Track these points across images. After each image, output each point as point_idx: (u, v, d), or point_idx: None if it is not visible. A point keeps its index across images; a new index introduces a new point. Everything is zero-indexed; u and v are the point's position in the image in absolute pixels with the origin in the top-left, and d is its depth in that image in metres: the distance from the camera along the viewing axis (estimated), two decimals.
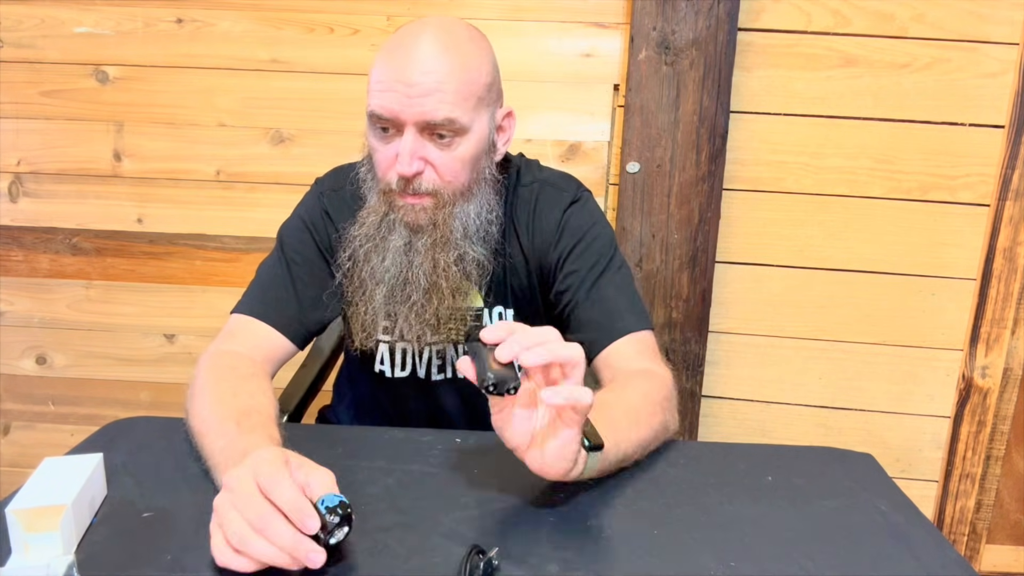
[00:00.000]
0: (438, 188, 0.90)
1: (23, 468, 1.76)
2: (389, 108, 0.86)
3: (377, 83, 0.88)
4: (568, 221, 1.00)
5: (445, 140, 0.89)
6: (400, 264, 0.92)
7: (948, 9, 1.42)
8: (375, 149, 0.91)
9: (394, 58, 0.87)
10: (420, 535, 0.68)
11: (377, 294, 0.94)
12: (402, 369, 1.04)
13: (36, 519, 0.62)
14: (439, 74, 0.86)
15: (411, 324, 0.95)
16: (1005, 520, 1.73)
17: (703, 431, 1.63)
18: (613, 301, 0.97)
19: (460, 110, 0.87)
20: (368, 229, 0.93)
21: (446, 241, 0.92)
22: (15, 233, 1.63)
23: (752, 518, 0.73)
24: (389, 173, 0.90)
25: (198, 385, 0.84)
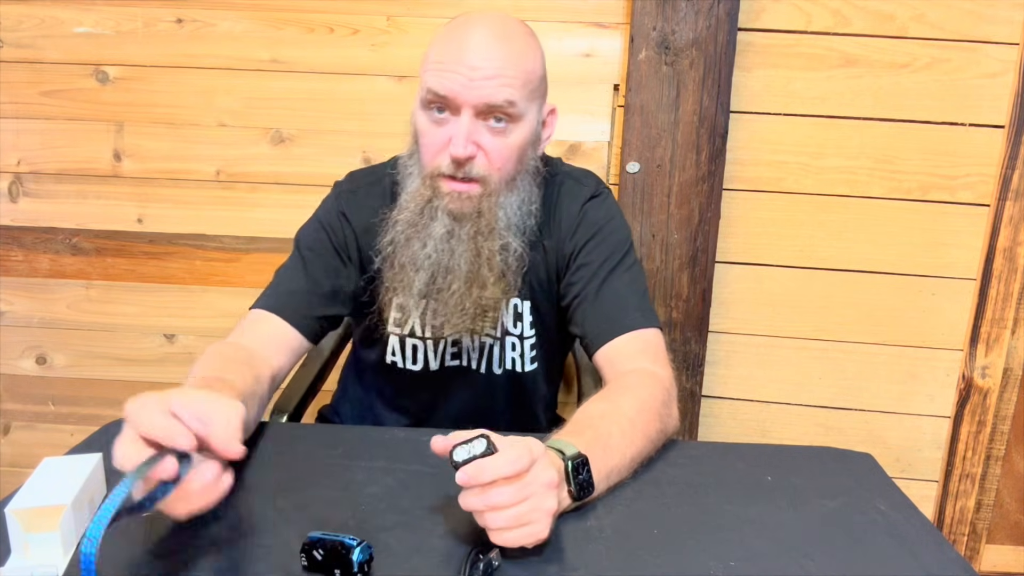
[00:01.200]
0: (487, 175, 0.91)
1: (23, 468, 1.76)
2: (450, 88, 0.87)
3: (437, 63, 0.88)
4: (586, 214, 1.01)
5: (500, 126, 0.90)
6: (441, 251, 0.92)
7: (948, 9, 1.42)
8: (424, 132, 0.91)
9: (456, 40, 0.88)
10: (420, 535, 0.68)
11: (416, 280, 0.94)
12: (413, 363, 1.04)
13: (35, 519, 0.62)
14: (502, 60, 0.87)
15: (444, 312, 0.95)
16: (1005, 520, 1.72)
17: (703, 431, 1.63)
18: (621, 297, 0.97)
19: (519, 95, 0.89)
20: (410, 215, 0.93)
21: (491, 230, 0.92)
22: (15, 233, 1.63)
23: (752, 518, 0.73)
24: (439, 156, 0.90)
25: (195, 367, 0.84)
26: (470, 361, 1.04)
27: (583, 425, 0.76)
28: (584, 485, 0.69)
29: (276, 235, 1.60)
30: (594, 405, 0.81)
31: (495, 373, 1.04)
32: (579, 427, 0.76)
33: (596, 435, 0.74)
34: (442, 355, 1.03)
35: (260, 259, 1.61)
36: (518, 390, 1.07)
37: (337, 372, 1.30)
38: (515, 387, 1.06)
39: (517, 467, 0.61)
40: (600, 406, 0.81)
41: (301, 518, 0.70)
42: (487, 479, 0.61)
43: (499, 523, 0.62)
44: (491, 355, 1.03)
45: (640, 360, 0.92)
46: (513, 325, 1.02)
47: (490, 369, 1.04)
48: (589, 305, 0.97)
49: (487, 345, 1.03)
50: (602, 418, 0.78)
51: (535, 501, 0.63)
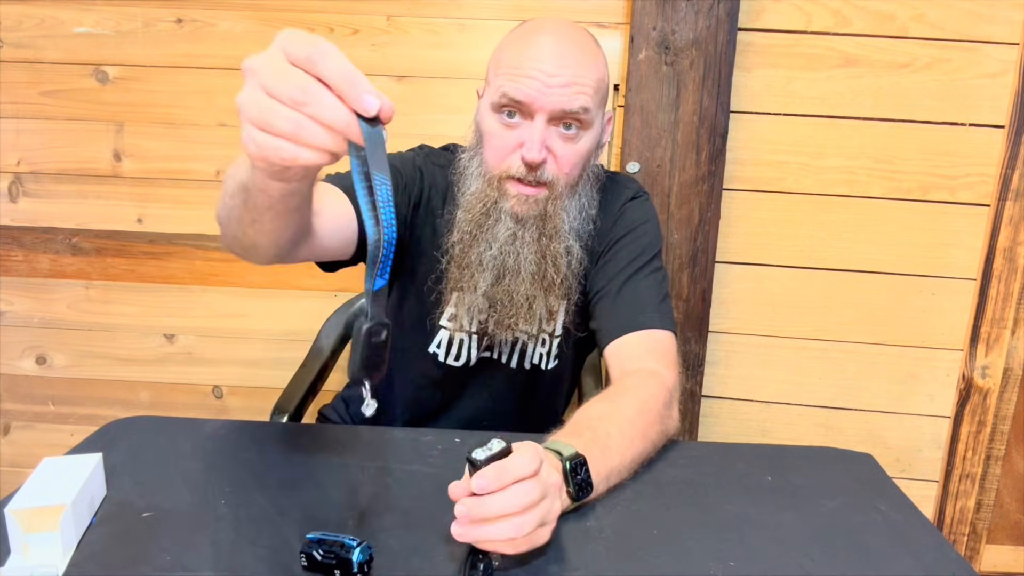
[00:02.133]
0: (555, 179, 0.92)
1: (23, 468, 1.76)
2: (526, 93, 0.88)
3: (513, 68, 0.89)
4: (624, 212, 1.03)
5: (571, 132, 0.91)
6: (507, 253, 0.93)
7: (948, 9, 1.42)
8: (494, 135, 0.92)
9: (531, 46, 0.89)
10: (420, 535, 0.68)
11: (482, 282, 0.94)
12: (456, 360, 1.04)
13: (35, 519, 0.62)
14: (578, 67, 0.89)
15: (511, 313, 0.95)
16: (1005, 520, 1.72)
17: (703, 431, 1.63)
18: (641, 297, 0.98)
19: (592, 103, 0.91)
20: (475, 215, 0.93)
21: (556, 232, 0.94)
22: (15, 233, 1.63)
23: (752, 518, 0.73)
24: (509, 159, 0.91)
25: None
26: (501, 355, 1.04)
27: (582, 426, 0.76)
28: (583, 485, 0.69)
29: None
30: (594, 406, 0.81)
31: (525, 369, 1.05)
32: (578, 428, 0.76)
33: (595, 436, 0.74)
34: (479, 349, 1.04)
35: None
36: (537, 387, 1.08)
37: (337, 373, 1.30)
38: (535, 384, 1.07)
39: (535, 465, 0.61)
40: (600, 407, 0.81)
41: (301, 518, 0.70)
42: (510, 479, 0.59)
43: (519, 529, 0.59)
44: (524, 352, 1.04)
45: (647, 359, 0.92)
46: (546, 322, 1.02)
47: (521, 364, 1.05)
48: (609, 300, 0.98)
49: (520, 341, 1.03)
50: (600, 419, 0.78)
51: (549, 502, 0.62)
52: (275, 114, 0.48)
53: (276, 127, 0.48)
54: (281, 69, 0.48)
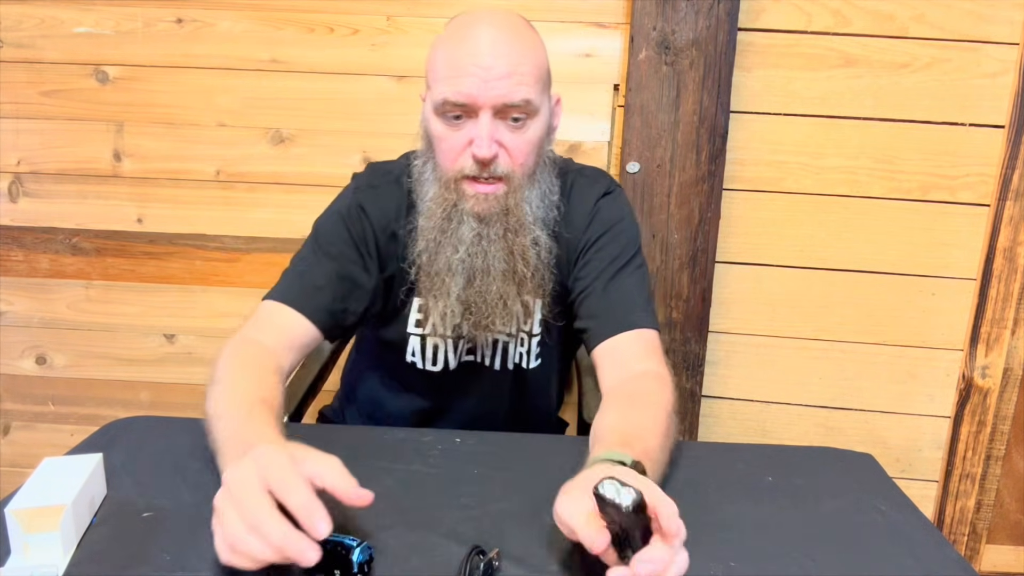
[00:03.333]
0: (510, 172, 0.91)
1: (23, 468, 1.76)
2: (467, 93, 0.87)
3: (450, 70, 0.88)
4: (599, 211, 1.01)
5: (518, 123, 0.90)
6: (474, 254, 0.92)
7: (948, 9, 1.42)
8: (442, 138, 0.91)
9: (463, 45, 0.88)
10: (420, 535, 0.68)
11: (454, 287, 0.94)
12: (433, 364, 1.04)
13: (36, 519, 0.62)
14: (514, 57, 0.87)
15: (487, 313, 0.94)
16: (1005, 520, 1.72)
17: (703, 431, 1.63)
18: (628, 295, 0.97)
19: (533, 92, 0.89)
20: (437, 221, 0.93)
21: (520, 225, 0.93)
22: (15, 233, 1.63)
23: (752, 518, 0.73)
24: (460, 159, 0.90)
25: (219, 371, 0.83)
26: (483, 357, 1.04)
27: (630, 436, 0.75)
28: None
29: (276, 235, 1.60)
30: (629, 415, 0.80)
31: (508, 369, 1.05)
32: (626, 439, 0.74)
33: (644, 449, 0.73)
34: (459, 352, 1.03)
35: (260, 259, 1.61)
36: (523, 387, 1.07)
37: (337, 373, 1.30)
38: (520, 384, 1.07)
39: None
40: (636, 417, 0.80)
41: None
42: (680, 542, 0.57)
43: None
44: (505, 352, 1.04)
45: (648, 361, 0.92)
46: (524, 322, 1.02)
47: (504, 365, 1.04)
48: (595, 300, 0.97)
49: (501, 342, 1.03)
50: (643, 429, 0.77)
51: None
52: (239, 539, 0.56)
53: (240, 546, 0.56)
54: (248, 497, 0.57)
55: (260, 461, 0.60)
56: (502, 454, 0.84)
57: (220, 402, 0.77)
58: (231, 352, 0.86)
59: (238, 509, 0.57)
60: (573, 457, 0.83)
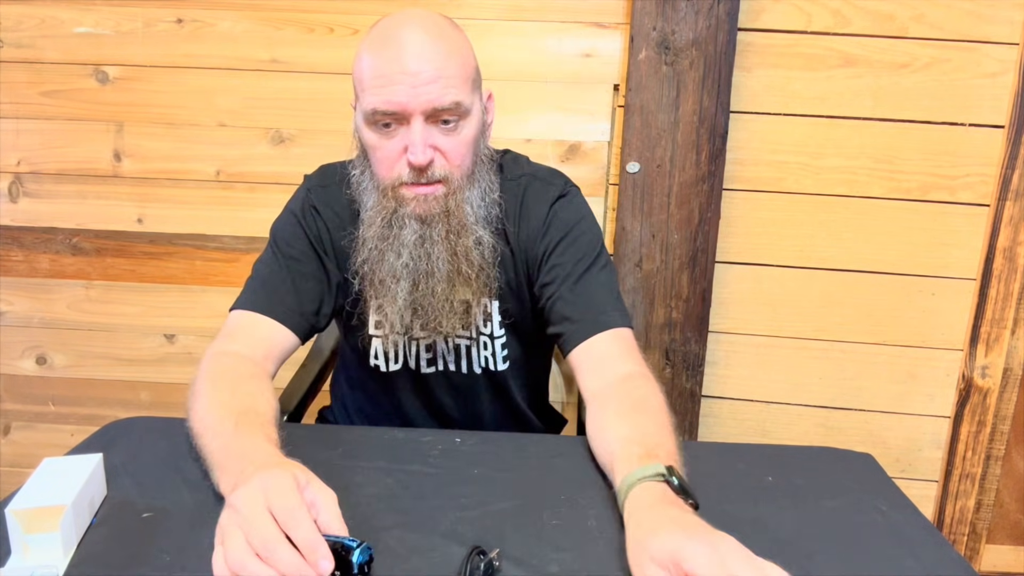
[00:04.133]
0: (448, 174, 0.90)
1: (23, 468, 1.76)
2: (396, 101, 0.86)
3: (376, 79, 0.87)
4: (556, 215, 1.00)
5: (450, 125, 0.89)
6: (418, 258, 0.92)
7: (948, 9, 1.42)
8: (376, 147, 0.90)
9: (387, 51, 0.87)
10: (420, 535, 0.68)
11: (400, 291, 0.93)
12: (395, 362, 1.04)
13: (36, 520, 0.62)
14: (439, 60, 0.86)
15: (433, 315, 0.94)
16: (1005, 520, 1.72)
17: (703, 431, 1.63)
18: (597, 296, 0.96)
19: (463, 93, 0.88)
20: (378, 228, 0.92)
21: (462, 226, 0.92)
22: (15, 233, 1.63)
23: (752, 518, 0.73)
24: (396, 167, 0.89)
25: (198, 386, 0.83)
26: (447, 364, 1.04)
27: (652, 445, 0.74)
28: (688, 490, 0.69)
29: None
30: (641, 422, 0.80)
31: (476, 373, 1.04)
32: (649, 449, 0.74)
33: (667, 453, 0.73)
34: (416, 358, 1.03)
35: None
36: (498, 389, 1.07)
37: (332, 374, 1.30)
38: (494, 386, 1.06)
39: None
40: (647, 423, 0.79)
41: None
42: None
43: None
44: (469, 356, 1.03)
45: (629, 361, 0.91)
46: (483, 325, 1.01)
47: (471, 369, 1.04)
48: (565, 303, 0.96)
49: (461, 347, 1.02)
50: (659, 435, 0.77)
51: None
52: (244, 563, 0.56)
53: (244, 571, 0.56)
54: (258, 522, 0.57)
55: (267, 486, 0.60)
56: (502, 454, 0.84)
57: (204, 418, 0.77)
58: (207, 368, 0.86)
59: (247, 533, 0.57)
60: (574, 457, 0.84)
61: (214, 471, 0.71)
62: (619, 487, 0.70)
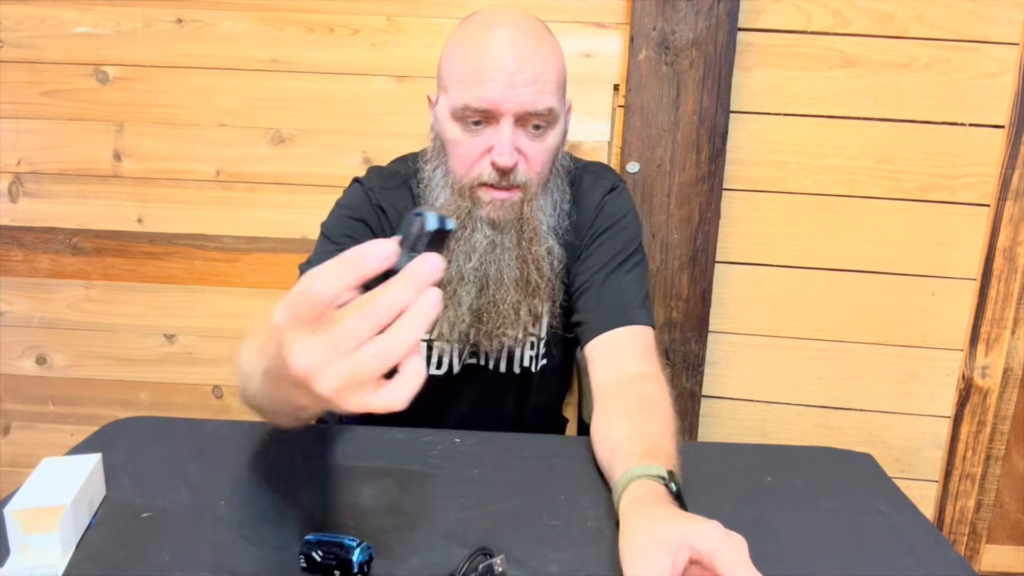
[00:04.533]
0: (527, 180, 0.89)
1: (23, 468, 1.76)
2: (489, 99, 0.84)
3: (471, 73, 0.85)
4: (605, 206, 1.00)
5: (538, 131, 0.88)
6: (488, 263, 0.90)
7: (948, 9, 1.42)
8: (458, 143, 0.88)
9: (484, 47, 0.85)
10: (420, 535, 0.68)
11: (465, 296, 0.92)
12: (438, 367, 1.02)
13: (35, 520, 0.62)
14: (537, 63, 0.85)
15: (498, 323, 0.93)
16: (1005, 520, 1.72)
17: (703, 431, 1.63)
18: (626, 291, 0.96)
19: (556, 100, 0.87)
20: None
21: (535, 234, 0.91)
22: (15, 233, 1.63)
23: (752, 518, 0.73)
24: (478, 166, 0.88)
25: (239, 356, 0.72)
26: (487, 362, 1.03)
27: (652, 446, 0.74)
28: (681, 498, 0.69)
29: (276, 235, 1.60)
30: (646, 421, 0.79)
31: (514, 373, 1.03)
32: (650, 449, 0.74)
33: (667, 455, 0.73)
34: (463, 356, 1.02)
35: (260, 259, 1.61)
36: (528, 389, 1.07)
37: None
38: (525, 386, 1.06)
39: None
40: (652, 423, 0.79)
41: (301, 518, 0.70)
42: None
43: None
44: (511, 355, 1.03)
45: (645, 361, 0.91)
46: (532, 325, 1.01)
47: (510, 368, 1.03)
48: (593, 294, 0.96)
49: (507, 346, 1.01)
50: (661, 436, 0.77)
51: None
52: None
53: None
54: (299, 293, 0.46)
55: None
56: (502, 455, 0.84)
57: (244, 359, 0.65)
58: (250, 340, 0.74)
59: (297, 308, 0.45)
60: (573, 458, 0.84)
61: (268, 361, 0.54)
62: (618, 480, 0.70)
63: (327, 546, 0.61)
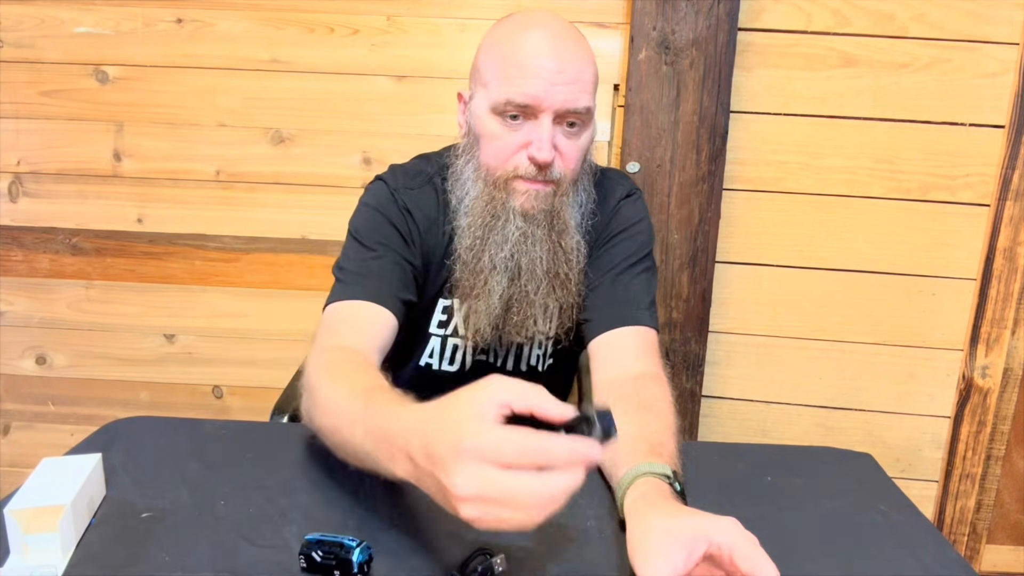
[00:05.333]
0: (562, 176, 0.90)
1: (23, 468, 1.76)
2: (532, 94, 0.86)
3: (512, 69, 0.87)
4: (620, 210, 1.02)
5: (574, 129, 0.90)
6: (521, 253, 0.92)
7: (948, 9, 1.42)
8: (495, 136, 0.90)
9: (528, 44, 0.87)
10: (420, 535, 0.68)
11: (496, 285, 0.93)
12: (451, 363, 1.03)
13: (35, 520, 0.62)
14: (578, 63, 0.87)
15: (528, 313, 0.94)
16: (1005, 520, 1.72)
17: (703, 431, 1.63)
18: (634, 293, 0.97)
19: (592, 99, 0.90)
20: (483, 218, 0.92)
21: (565, 228, 0.93)
22: (15, 233, 1.63)
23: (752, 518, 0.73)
24: (514, 159, 0.89)
25: (314, 383, 0.77)
26: (496, 359, 1.04)
27: (656, 444, 0.75)
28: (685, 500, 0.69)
29: (276, 235, 1.60)
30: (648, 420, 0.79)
31: (521, 371, 1.04)
32: (653, 447, 0.74)
33: (670, 454, 0.74)
34: (476, 352, 1.03)
35: (260, 259, 1.61)
36: None
37: None
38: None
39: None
40: (654, 422, 0.79)
41: (301, 518, 0.70)
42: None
43: None
44: (519, 353, 1.03)
45: (647, 361, 0.92)
46: (543, 323, 1.01)
47: (517, 367, 1.04)
48: (601, 293, 0.97)
49: (515, 343, 1.02)
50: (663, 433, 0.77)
51: None
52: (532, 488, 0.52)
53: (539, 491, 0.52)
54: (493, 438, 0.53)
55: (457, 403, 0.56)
56: None
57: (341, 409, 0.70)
58: (320, 364, 0.79)
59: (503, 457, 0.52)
60: None
61: (376, 452, 0.62)
62: (622, 478, 0.70)
63: (327, 546, 0.61)
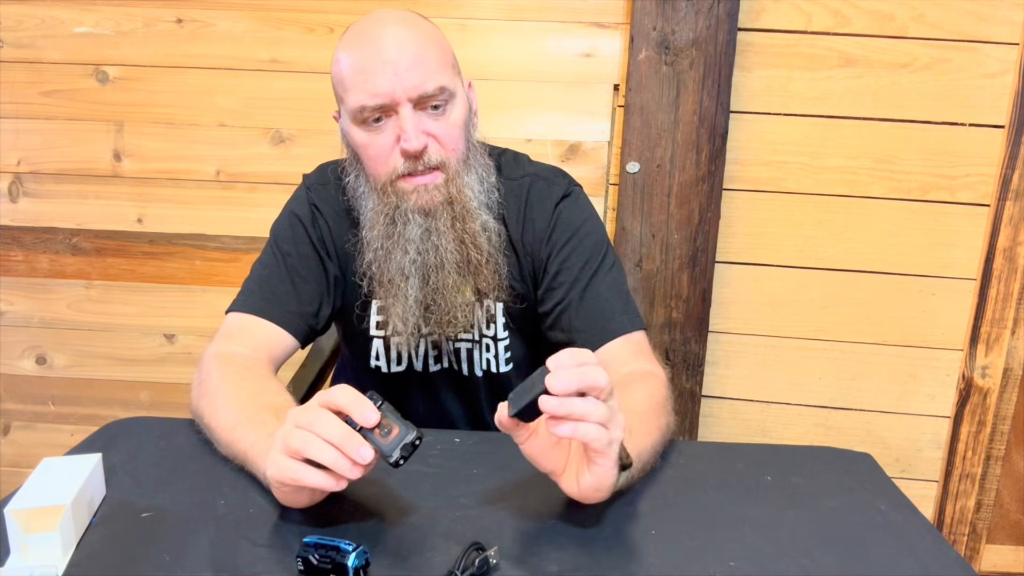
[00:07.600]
0: (444, 159, 0.89)
1: (23, 468, 1.76)
2: (381, 92, 0.86)
3: (358, 74, 0.87)
4: (560, 216, 0.99)
5: (439, 110, 0.89)
6: (426, 252, 0.91)
7: (948, 9, 1.42)
8: (367, 145, 0.90)
9: (365, 47, 0.87)
10: (420, 535, 0.68)
11: (410, 289, 0.92)
12: (398, 364, 1.03)
13: (35, 519, 0.62)
14: (417, 47, 0.87)
15: (448, 308, 0.93)
16: (1005, 520, 1.72)
17: (703, 431, 1.63)
18: (606, 301, 0.96)
19: (445, 77, 0.89)
20: (381, 228, 0.91)
21: (467, 212, 0.91)
22: (15, 233, 1.63)
23: (752, 518, 0.73)
24: (390, 160, 0.89)
25: (211, 386, 0.82)
26: (451, 364, 1.03)
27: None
28: (625, 456, 0.69)
29: None
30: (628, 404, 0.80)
31: (476, 375, 1.04)
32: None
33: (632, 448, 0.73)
34: (424, 358, 1.03)
35: None
36: (498, 392, 1.06)
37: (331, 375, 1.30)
38: (494, 389, 1.05)
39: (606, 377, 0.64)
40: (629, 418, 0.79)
41: (300, 518, 0.70)
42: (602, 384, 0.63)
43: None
44: (470, 358, 1.03)
45: (635, 362, 0.91)
46: (487, 327, 1.01)
47: (472, 371, 1.03)
48: (574, 311, 0.96)
49: (462, 349, 1.02)
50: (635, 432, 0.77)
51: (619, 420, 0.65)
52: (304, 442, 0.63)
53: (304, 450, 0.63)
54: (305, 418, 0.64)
55: (290, 416, 0.65)
56: (502, 454, 0.84)
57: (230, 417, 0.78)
58: (218, 366, 0.85)
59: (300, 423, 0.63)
60: None
61: (256, 460, 0.73)
62: None
63: (324, 550, 0.61)
